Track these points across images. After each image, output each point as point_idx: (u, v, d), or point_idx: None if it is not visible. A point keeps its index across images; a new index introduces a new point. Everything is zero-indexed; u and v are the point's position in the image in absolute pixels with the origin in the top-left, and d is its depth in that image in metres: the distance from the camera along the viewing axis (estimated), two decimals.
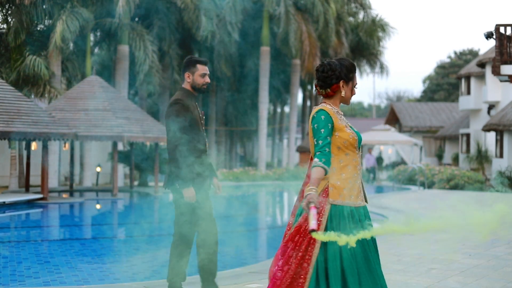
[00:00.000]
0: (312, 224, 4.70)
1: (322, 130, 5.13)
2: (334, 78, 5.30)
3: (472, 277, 8.99)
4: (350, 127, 5.31)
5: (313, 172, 5.01)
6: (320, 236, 4.75)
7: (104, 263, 11.94)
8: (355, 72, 5.39)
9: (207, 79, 7.14)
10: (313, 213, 4.74)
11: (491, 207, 4.84)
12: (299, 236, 5.08)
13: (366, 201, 5.33)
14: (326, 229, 5.03)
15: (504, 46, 23.85)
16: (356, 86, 5.40)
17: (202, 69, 7.12)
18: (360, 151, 5.36)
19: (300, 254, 5.05)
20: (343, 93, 5.34)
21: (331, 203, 5.10)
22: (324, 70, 5.32)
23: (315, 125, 5.17)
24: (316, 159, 5.03)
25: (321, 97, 5.37)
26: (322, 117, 5.15)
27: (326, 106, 5.28)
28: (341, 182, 5.17)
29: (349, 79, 5.35)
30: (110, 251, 13.89)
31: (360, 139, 5.31)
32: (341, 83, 5.32)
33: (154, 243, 14.42)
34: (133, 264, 11.83)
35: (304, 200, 4.87)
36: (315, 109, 5.27)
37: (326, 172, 5.02)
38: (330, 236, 4.75)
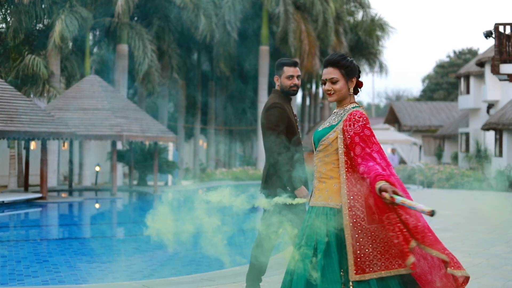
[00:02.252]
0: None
1: None
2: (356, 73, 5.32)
3: (472, 276, 8.95)
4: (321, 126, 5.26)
5: None
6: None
7: (103, 262, 11.93)
8: (323, 67, 5.36)
9: (295, 81, 6.92)
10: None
11: None
12: None
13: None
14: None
15: (503, 45, 23.84)
16: (322, 81, 5.35)
17: (288, 71, 6.95)
18: (320, 151, 5.20)
19: None
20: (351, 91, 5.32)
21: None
22: (351, 60, 5.29)
23: None
24: None
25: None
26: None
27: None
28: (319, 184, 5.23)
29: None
30: (109, 250, 13.88)
31: (315, 139, 5.23)
32: (354, 80, 5.30)
33: (153, 242, 14.38)
34: (132, 263, 11.82)
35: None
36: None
37: None
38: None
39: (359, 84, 5.25)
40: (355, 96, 5.29)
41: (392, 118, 60.54)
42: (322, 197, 5.05)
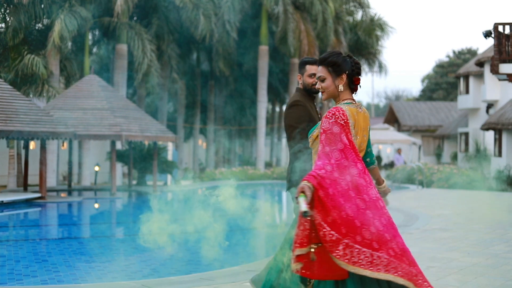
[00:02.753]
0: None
1: None
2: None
3: (471, 275, 8.97)
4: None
5: (377, 171, 5.62)
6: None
7: (102, 262, 11.92)
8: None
9: None
10: None
11: None
12: None
13: None
14: None
15: (502, 44, 23.85)
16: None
17: (310, 69, 6.91)
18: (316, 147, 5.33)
19: None
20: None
21: None
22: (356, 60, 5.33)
23: None
24: (374, 159, 5.57)
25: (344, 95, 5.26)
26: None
27: None
28: None
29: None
30: (108, 249, 13.87)
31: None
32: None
33: (152, 242, 14.37)
34: (131, 263, 11.82)
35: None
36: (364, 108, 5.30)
37: None
38: None
39: (355, 81, 5.20)
40: (355, 93, 5.26)
41: (391, 118, 60.55)
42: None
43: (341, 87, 5.15)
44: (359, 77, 5.26)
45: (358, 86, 5.26)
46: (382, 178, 5.62)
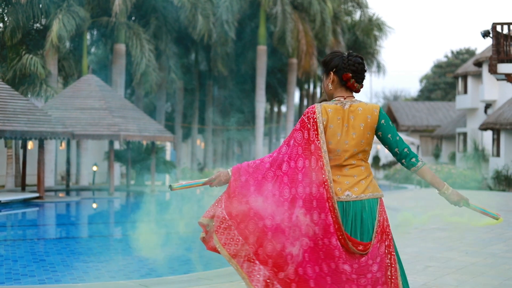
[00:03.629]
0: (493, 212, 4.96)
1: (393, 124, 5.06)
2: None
3: (469, 275, 8.97)
4: None
5: (429, 170, 5.09)
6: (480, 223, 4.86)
7: (100, 261, 11.91)
8: None
9: None
10: (480, 209, 5.01)
11: None
12: (384, 233, 4.93)
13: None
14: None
15: (500, 44, 23.88)
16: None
17: None
18: None
19: (389, 249, 4.96)
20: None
21: (382, 197, 5.08)
22: (364, 64, 5.14)
23: (390, 122, 5.01)
24: (419, 157, 5.04)
25: (341, 92, 5.13)
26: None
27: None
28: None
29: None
30: (106, 249, 13.87)
31: None
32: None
33: (150, 241, 14.36)
34: (129, 262, 11.81)
35: (452, 196, 5.17)
36: (371, 105, 5.03)
37: None
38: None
39: (343, 77, 5.11)
40: (355, 90, 5.16)
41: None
42: None
43: (330, 86, 5.09)
44: (348, 73, 5.04)
45: (350, 82, 5.05)
46: (440, 182, 5.19)
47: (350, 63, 5.05)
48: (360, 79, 5.09)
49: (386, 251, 4.91)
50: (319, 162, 4.90)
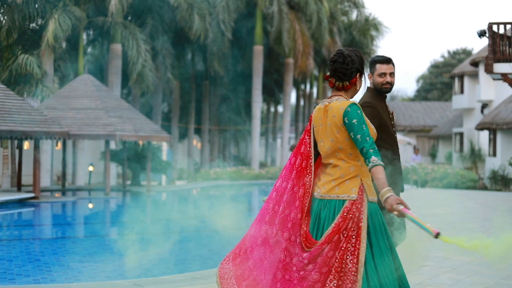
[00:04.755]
0: (429, 227, 4.62)
1: (364, 126, 4.93)
2: (354, 71, 5.13)
3: (464, 274, 8.96)
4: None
5: (376, 173, 4.81)
6: (447, 239, 4.67)
7: (95, 261, 11.90)
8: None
9: (387, 78, 6.61)
10: (414, 215, 4.63)
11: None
12: (339, 236, 4.84)
13: None
14: (368, 227, 4.92)
15: (497, 44, 23.86)
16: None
17: (380, 68, 6.73)
18: None
19: (343, 253, 4.83)
20: (358, 86, 5.22)
21: (370, 200, 4.99)
22: (345, 61, 5.11)
23: (355, 120, 4.93)
24: (374, 158, 4.82)
25: (328, 90, 5.25)
26: (358, 111, 4.93)
27: (351, 100, 5.15)
28: (370, 179, 5.06)
29: (363, 71, 5.22)
30: (101, 249, 13.85)
31: None
32: (357, 75, 5.17)
33: (145, 241, 14.35)
34: (124, 262, 11.79)
35: (386, 203, 4.72)
36: (343, 102, 5.02)
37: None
38: (458, 240, 4.79)
39: (324, 77, 5.22)
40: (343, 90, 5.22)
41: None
42: None
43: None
44: (327, 73, 5.20)
45: (329, 81, 5.16)
46: (382, 185, 4.84)
47: (330, 63, 5.18)
48: (339, 77, 5.13)
49: (338, 254, 4.84)
50: (303, 162, 5.10)
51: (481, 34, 23.67)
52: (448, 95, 70.63)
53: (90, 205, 25.73)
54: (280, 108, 61.71)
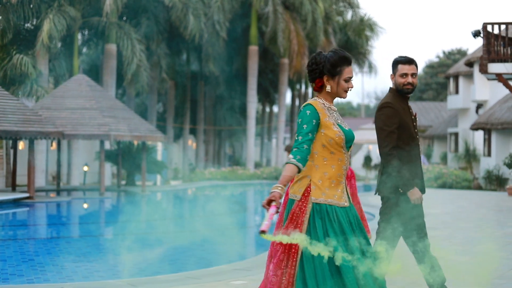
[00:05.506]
0: (263, 224, 4.53)
1: (305, 126, 4.98)
2: (317, 73, 5.14)
3: (458, 274, 8.96)
4: (339, 125, 5.11)
5: (284, 169, 4.88)
6: (268, 237, 4.64)
7: (89, 261, 11.89)
8: (344, 66, 5.13)
9: (408, 79, 6.69)
10: (270, 212, 4.60)
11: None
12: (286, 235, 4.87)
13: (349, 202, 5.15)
14: (307, 229, 4.91)
15: (491, 44, 23.91)
16: (347, 79, 5.14)
17: (402, 68, 6.73)
18: (349, 150, 5.19)
19: (288, 256, 4.92)
20: (328, 88, 5.15)
21: (313, 201, 4.97)
22: (309, 63, 5.18)
23: (299, 120, 5.02)
24: (290, 156, 4.88)
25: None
26: (308, 112, 5.00)
27: (317, 100, 5.12)
28: (323, 181, 5.03)
29: (334, 73, 5.13)
30: (95, 249, 13.85)
31: (349, 139, 5.13)
32: (325, 78, 5.14)
33: (139, 241, 14.34)
34: (118, 262, 11.79)
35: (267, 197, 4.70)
36: (305, 103, 5.13)
37: (299, 170, 4.87)
38: (282, 237, 4.71)
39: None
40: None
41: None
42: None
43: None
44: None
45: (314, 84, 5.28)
46: (280, 180, 4.89)
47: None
48: (310, 77, 5.24)
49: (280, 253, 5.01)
50: None
51: (476, 34, 23.71)
52: (443, 95, 70.70)
53: (85, 205, 25.72)
54: (275, 108, 61.67)
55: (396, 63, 6.77)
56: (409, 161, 6.63)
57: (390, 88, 6.82)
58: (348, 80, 5.15)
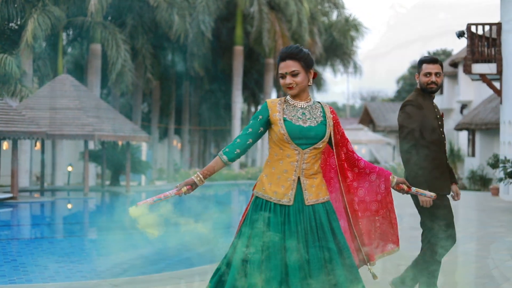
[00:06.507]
0: (144, 200, 4.94)
1: (251, 122, 5.13)
2: None
3: (441, 273, 8.98)
4: (287, 121, 5.03)
5: (212, 161, 5.13)
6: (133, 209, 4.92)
7: (72, 261, 11.84)
8: (279, 63, 5.09)
9: (432, 78, 6.73)
10: (164, 193, 5.00)
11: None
12: None
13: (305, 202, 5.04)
14: (245, 220, 5.06)
15: (475, 45, 24.02)
16: (280, 76, 5.09)
17: (426, 68, 6.78)
18: (308, 148, 5.05)
19: None
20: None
21: (255, 194, 5.09)
22: None
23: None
24: (220, 152, 5.11)
25: None
26: (259, 107, 5.15)
27: (279, 98, 5.18)
28: (269, 176, 5.08)
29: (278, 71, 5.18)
30: (78, 249, 13.80)
31: (296, 136, 5.03)
32: None
33: (123, 241, 14.29)
34: (101, 262, 11.76)
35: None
36: None
37: (223, 162, 5.07)
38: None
39: (315, 75, 5.20)
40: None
41: (366, 119, 60.73)
42: (315, 194, 5.07)
43: (311, 81, 5.14)
44: (316, 72, 5.27)
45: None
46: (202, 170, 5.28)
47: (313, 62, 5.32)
48: None
49: None
50: None
51: (460, 35, 23.82)
52: None
53: (69, 206, 25.62)
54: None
55: (421, 62, 6.87)
56: (432, 161, 6.67)
57: (416, 87, 6.91)
58: (282, 76, 5.11)
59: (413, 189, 5.69)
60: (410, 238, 12.66)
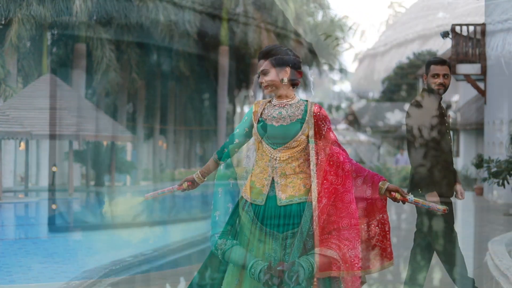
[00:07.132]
0: (151, 192, 5.27)
1: (240, 123, 5.23)
2: None
3: (430, 271, 9.01)
4: (262, 121, 5.09)
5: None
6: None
7: (56, 262, 11.81)
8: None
9: (440, 79, 6.76)
10: (167, 188, 5.29)
11: None
12: None
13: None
14: (229, 218, 5.25)
15: (460, 45, 24.13)
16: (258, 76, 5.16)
17: (434, 69, 6.79)
18: (282, 146, 5.03)
19: None
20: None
21: (243, 196, 5.20)
22: None
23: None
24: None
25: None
26: (245, 107, 5.22)
27: (267, 99, 5.18)
28: (252, 176, 5.19)
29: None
30: (62, 250, 13.75)
31: (269, 135, 5.05)
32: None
33: (107, 241, 14.27)
34: (85, 263, 11.72)
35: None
36: None
37: (215, 161, 5.48)
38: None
39: (300, 74, 5.15)
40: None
41: (352, 119, 60.87)
42: (290, 195, 4.98)
43: (285, 81, 5.07)
44: (302, 71, 5.21)
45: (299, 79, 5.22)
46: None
47: (298, 61, 5.28)
48: None
49: None
50: None
51: (445, 35, 23.94)
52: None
53: (53, 206, 25.53)
54: (246, 109, 61.69)
55: (429, 63, 6.92)
56: (438, 162, 6.70)
57: (423, 88, 6.94)
58: (259, 76, 5.13)
59: (410, 198, 5.30)
60: (393, 237, 12.67)
